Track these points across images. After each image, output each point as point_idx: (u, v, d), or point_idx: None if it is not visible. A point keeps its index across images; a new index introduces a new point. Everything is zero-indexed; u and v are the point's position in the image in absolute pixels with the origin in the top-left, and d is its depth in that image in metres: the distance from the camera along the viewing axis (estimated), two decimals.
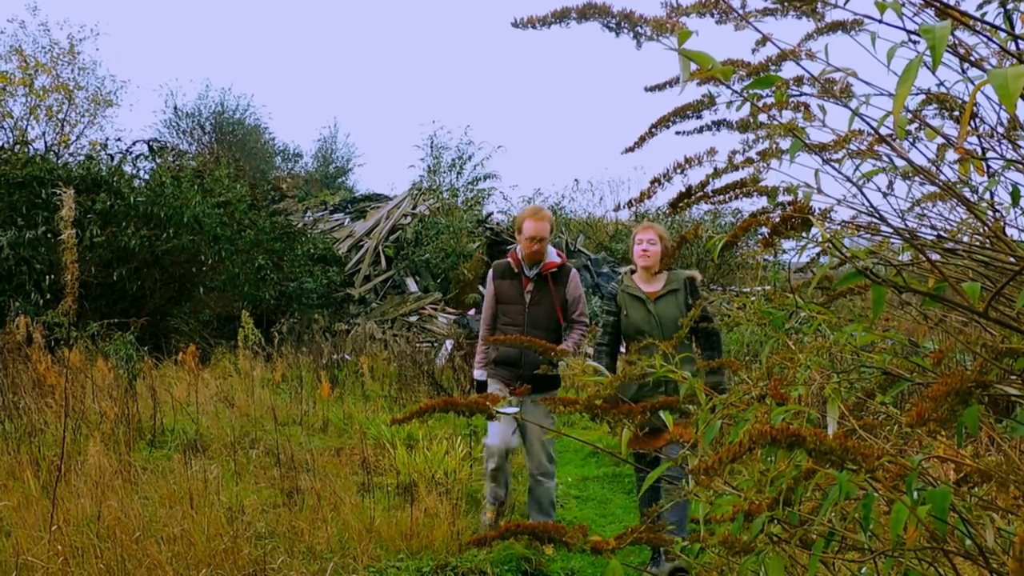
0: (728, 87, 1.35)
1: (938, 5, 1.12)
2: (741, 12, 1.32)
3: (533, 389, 3.54)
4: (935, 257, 1.43)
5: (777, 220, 1.22)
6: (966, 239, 1.61)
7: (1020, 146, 1.42)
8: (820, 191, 1.44)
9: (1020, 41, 1.27)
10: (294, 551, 3.79)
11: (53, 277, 9.07)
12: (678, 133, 1.53)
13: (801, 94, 1.44)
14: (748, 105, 1.39)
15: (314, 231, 15.24)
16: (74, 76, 15.98)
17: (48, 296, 8.93)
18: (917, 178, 1.52)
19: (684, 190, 1.51)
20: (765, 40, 1.37)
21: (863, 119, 1.34)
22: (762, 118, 1.47)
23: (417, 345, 11.06)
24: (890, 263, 1.37)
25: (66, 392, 4.16)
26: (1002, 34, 1.28)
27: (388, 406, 8.16)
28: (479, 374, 4.53)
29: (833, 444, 1.03)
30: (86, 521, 3.65)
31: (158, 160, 13.32)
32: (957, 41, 1.39)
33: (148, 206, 10.37)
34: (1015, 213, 1.48)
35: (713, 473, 1.07)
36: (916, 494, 1.13)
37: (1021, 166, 1.40)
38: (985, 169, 1.45)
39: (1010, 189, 1.43)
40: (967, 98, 1.37)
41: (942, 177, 1.50)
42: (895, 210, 1.55)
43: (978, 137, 1.47)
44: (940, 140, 1.46)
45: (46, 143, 15.00)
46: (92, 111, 16.30)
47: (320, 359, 9.58)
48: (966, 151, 1.43)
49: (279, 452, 5.28)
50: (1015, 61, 1.21)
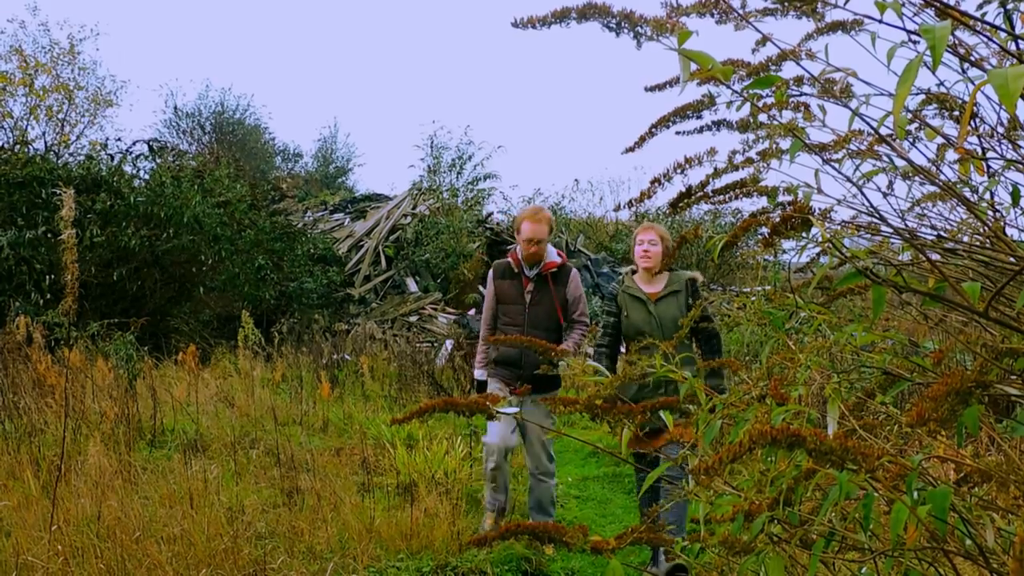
0: (728, 87, 1.35)
1: (938, 5, 1.12)
2: (741, 12, 1.32)
3: (533, 389, 3.53)
4: (935, 257, 1.43)
5: (777, 220, 1.22)
6: (966, 239, 1.61)
7: (1020, 146, 1.42)
8: (820, 191, 1.44)
9: (1020, 41, 1.27)
10: (294, 551, 3.79)
11: (53, 277, 9.08)
12: (678, 133, 1.53)
13: (801, 94, 1.44)
14: (748, 105, 1.39)
15: (314, 231, 15.24)
16: (74, 76, 16.00)
17: (48, 296, 8.93)
18: (917, 178, 1.52)
19: (684, 190, 1.51)
20: (765, 40, 1.37)
21: (863, 119, 1.34)
22: (762, 118, 1.47)
23: (417, 345, 11.07)
24: (890, 263, 1.37)
25: (66, 392, 4.16)
26: (1002, 34, 1.28)
27: (388, 406, 8.16)
28: (479, 374, 4.53)
29: (833, 444, 1.03)
30: (86, 521, 3.65)
31: (158, 160, 13.32)
32: (957, 41, 1.39)
33: (148, 206, 10.37)
34: (1015, 213, 1.48)
35: (713, 473, 1.07)
36: (916, 494, 1.13)
37: (1021, 166, 1.40)
38: (985, 169, 1.45)
39: (1010, 189, 1.43)
40: (967, 98, 1.37)
41: (942, 177, 1.50)
42: (895, 210, 1.55)
43: (978, 137, 1.47)
44: (940, 140, 1.46)
45: (46, 143, 15.00)
46: (92, 111, 16.31)
47: (320, 359, 9.58)
48: (966, 151, 1.43)
49: (279, 452, 5.28)
50: (1015, 61, 1.21)
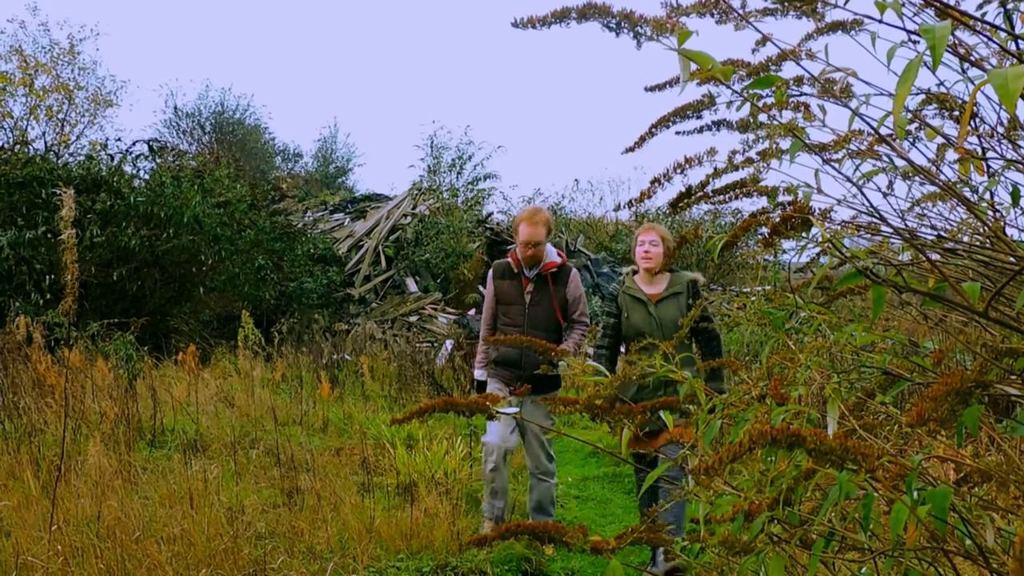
0: (728, 87, 1.35)
1: (938, 5, 1.12)
2: (741, 12, 1.32)
3: (533, 389, 3.53)
4: (935, 257, 1.43)
5: (777, 220, 1.22)
6: (966, 239, 1.61)
7: (1020, 146, 1.42)
8: (820, 191, 1.44)
9: (1020, 41, 1.27)
10: (294, 551, 3.79)
11: (53, 277, 9.08)
12: (678, 133, 1.53)
13: (801, 94, 1.44)
14: (748, 105, 1.39)
15: (314, 231, 15.24)
16: (74, 76, 16.01)
17: (48, 296, 8.93)
18: (917, 178, 1.52)
19: (684, 190, 1.51)
20: (765, 40, 1.37)
21: (863, 119, 1.34)
22: (762, 118, 1.47)
23: (417, 345, 11.07)
24: (890, 263, 1.37)
25: (66, 392, 4.16)
26: (1002, 34, 1.28)
27: (388, 406, 8.16)
28: (479, 374, 4.52)
29: (833, 444, 1.03)
30: (86, 521, 3.65)
31: (158, 160, 13.31)
32: (957, 41, 1.39)
33: (148, 206, 10.37)
34: (1015, 213, 1.48)
35: (713, 473, 1.07)
36: (916, 494, 1.13)
37: (1021, 166, 1.40)
38: (985, 169, 1.45)
39: (1010, 189, 1.43)
40: (967, 98, 1.37)
41: (942, 177, 1.50)
42: (895, 210, 1.55)
43: (978, 137, 1.47)
44: (940, 140, 1.46)
45: (46, 143, 15.00)
46: (92, 111, 16.32)
47: (320, 359, 9.58)
48: (966, 151, 1.43)
49: (279, 452, 5.28)
50: (1015, 61, 1.21)
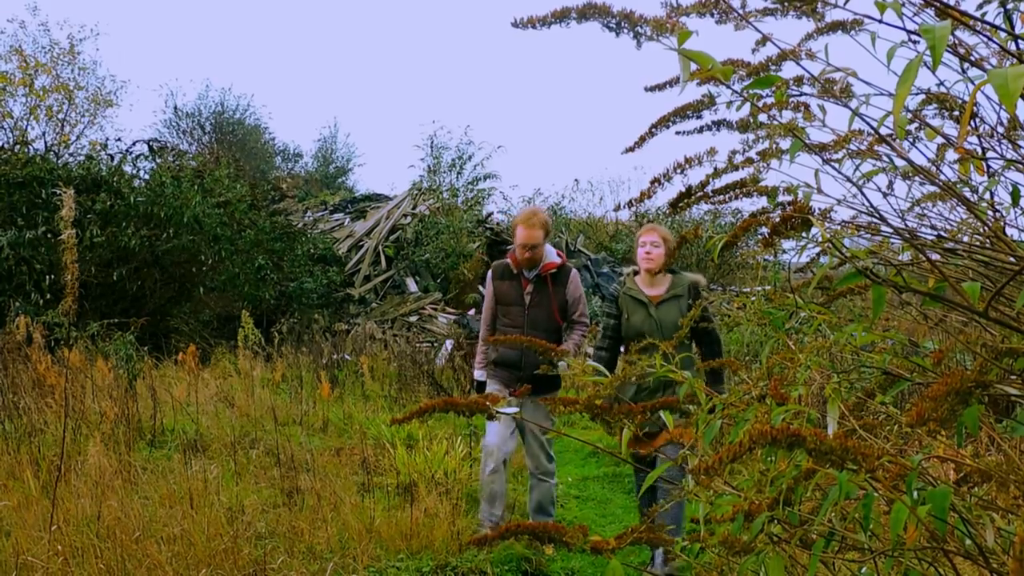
0: (728, 87, 1.35)
1: (938, 5, 1.12)
2: (741, 12, 1.32)
3: (533, 390, 3.52)
4: (935, 257, 1.43)
5: (777, 220, 1.22)
6: (966, 239, 1.61)
7: (1020, 146, 1.42)
8: (820, 191, 1.44)
9: (1020, 41, 1.27)
10: (294, 551, 3.79)
11: (53, 277, 9.08)
12: (678, 133, 1.53)
13: (801, 94, 1.44)
14: (748, 105, 1.39)
15: (314, 231, 15.24)
16: (74, 76, 16.02)
17: (48, 296, 8.93)
18: (917, 178, 1.52)
19: (684, 190, 1.51)
20: (765, 40, 1.37)
21: (863, 119, 1.34)
22: (762, 118, 1.47)
23: (417, 345, 11.06)
24: (890, 263, 1.37)
25: (66, 392, 4.16)
26: (1002, 34, 1.28)
27: (388, 406, 8.16)
28: (479, 375, 4.51)
29: (833, 444, 1.03)
30: (86, 521, 3.65)
31: (158, 160, 13.32)
32: (957, 41, 1.39)
33: (148, 206, 10.37)
34: (1015, 213, 1.48)
35: (713, 473, 1.07)
36: (916, 494, 1.13)
37: (1021, 166, 1.40)
38: (985, 169, 1.45)
39: (1010, 189, 1.43)
40: (967, 98, 1.37)
41: (942, 177, 1.50)
42: (895, 210, 1.55)
43: (978, 137, 1.47)
44: (940, 140, 1.46)
45: (46, 143, 15.00)
46: (92, 111, 16.33)
47: (320, 359, 9.58)
48: (966, 151, 1.43)
49: (279, 452, 5.28)
50: (1015, 61, 1.21)
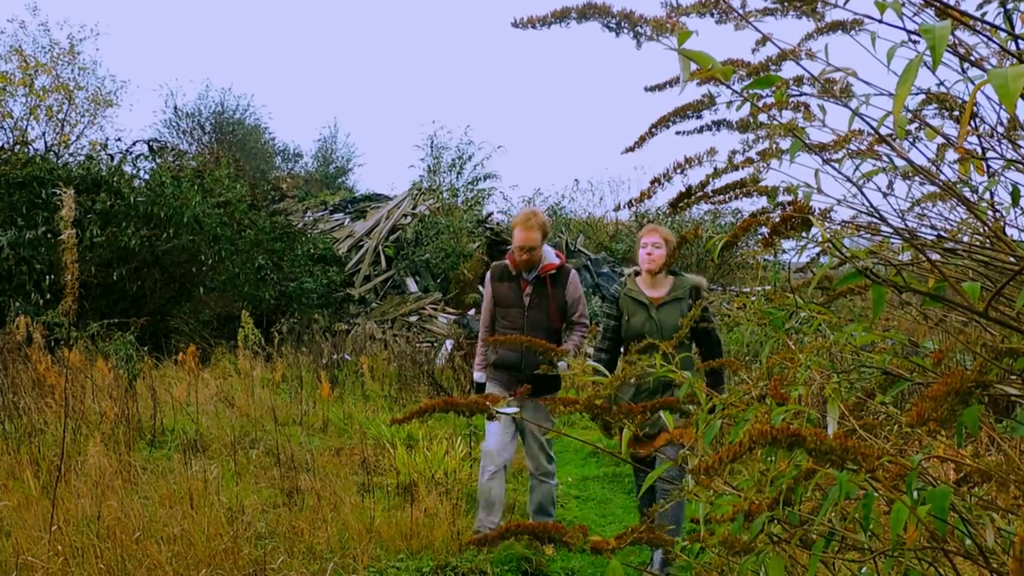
0: (728, 87, 1.35)
1: (938, 5, 1.12)
2: (741, 12, 1.32)
3: (533, 391, 3.51)
4: (935, 257, 1.43)
5: (777, 220, 1.22)
6: (966, 239, 1.61)
7: (1020, 146, 1.42)
8: (820, 191, 1.44)
9: (1020, 41, 1.27)
10: (294, 551, 3.79)
11: (53, 277, 9.08)
12: (678, 133, 1.53)
13: (801, 94, 1.44)
14: (748, 105, 1.39)
15: (314, 231, 15.24)
16: (74, 76, 16.04)
17: (48, 296, 8.93)
18: (917, 178, 1.52)
19: (684, 190, 1.51)
20: (765, 40, 1.37)
21: (863, 119, 1.34)
22: (762, 118, 1.47)
23: (417, 345, 11.06)
24: (890, 263, 1.37)
25: (66, 392, 4.16)
26: (1002, 34, 1.28)
27: (388, 406, 8.16)
28: (478, 376, 4.50)
29: (833, 444, 1.03)
30: (86, 521, 3.65)
31: (158, 160, 13.32)
32: (957, 41, 1.39)
33: (148, 206, 10.37)
34: (1015, 213, 1.48)
35: (713, 473, 1.07)
36: (916, 494, 1.13)
37: (1021, 166, 1.40)
38: (985, 169, 1.45)
39: (1010, 189, 1.43)
40: (967, 98, 1.37)
41: (942, 177, 1.50)
42: (895, 210, 1.55)
43: (978, 137, 1.47)
44: (940, 140, 1.46)
45: (46, 143, 15.00)
46: (92, 111, 16.35)
47: (320, 359, 9.58)
48: (966, 151, 1.43)
49: (279, 452, 5.28)
50: (1015, 61, 1.21)
